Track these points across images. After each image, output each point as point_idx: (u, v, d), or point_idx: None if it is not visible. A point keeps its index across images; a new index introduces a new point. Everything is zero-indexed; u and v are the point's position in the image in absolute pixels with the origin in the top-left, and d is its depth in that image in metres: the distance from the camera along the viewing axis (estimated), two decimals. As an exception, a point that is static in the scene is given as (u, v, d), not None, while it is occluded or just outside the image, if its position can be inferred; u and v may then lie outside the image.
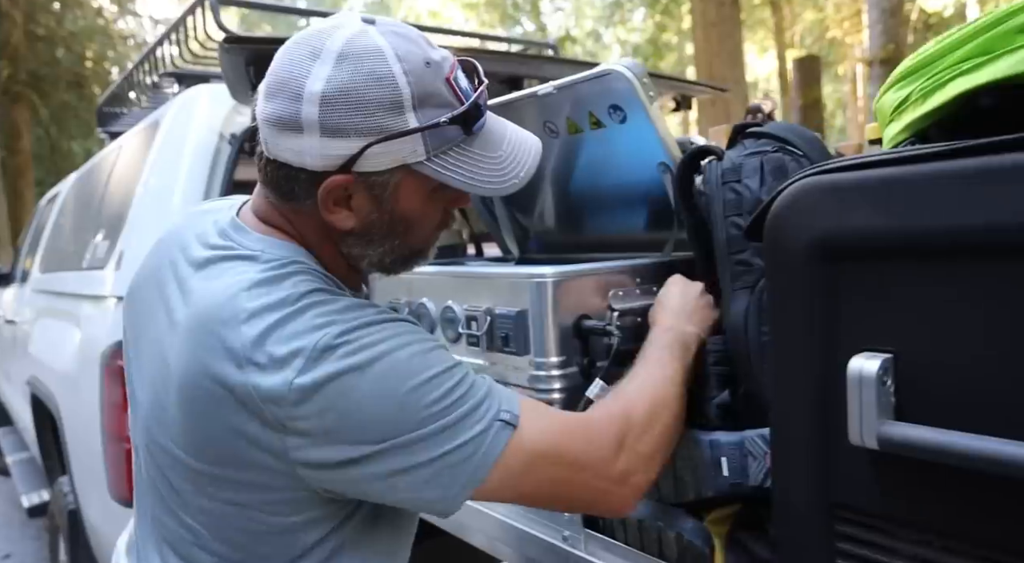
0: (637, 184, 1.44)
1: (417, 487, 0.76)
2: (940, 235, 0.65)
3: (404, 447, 0.75)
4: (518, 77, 2.11)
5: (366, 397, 0.74)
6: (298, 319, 0.76)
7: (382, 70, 0.76)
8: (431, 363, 0.78)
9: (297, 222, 0.86)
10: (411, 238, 0.87)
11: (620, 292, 1.22)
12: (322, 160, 0.78)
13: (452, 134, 0.80)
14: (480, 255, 1.91)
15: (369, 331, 0.77)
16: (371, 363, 0.75)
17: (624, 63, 1.29)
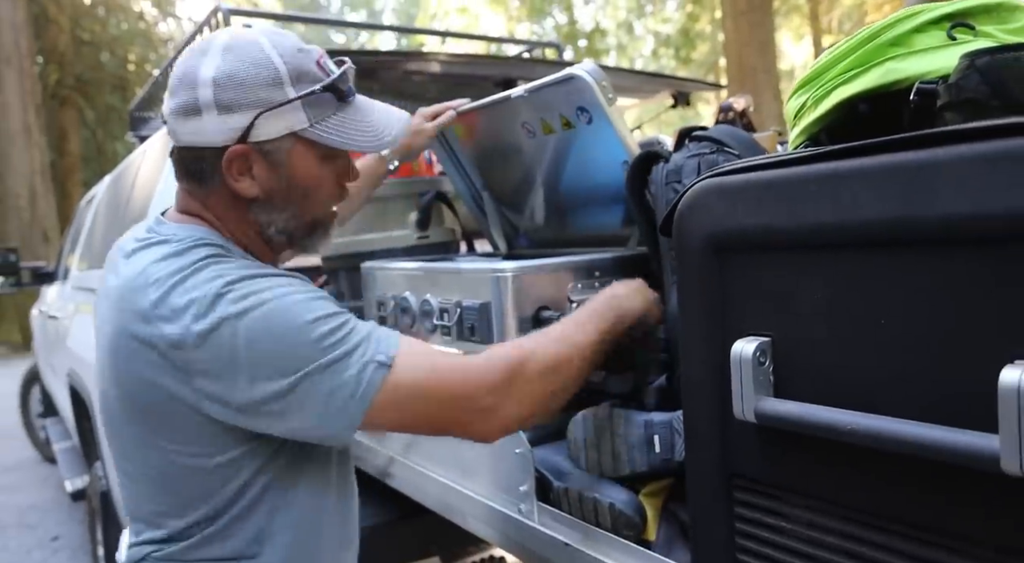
0: (607, 182, 1.53)
1: (307, 420, 0.86)
2: (805, 231, 0.73)
3: (293, 384, 0.84)
4: (511, 79, 2.20)
5: (256, 337, 0.84)
6: (195, 277, 0.87)
7: (261, 55, 0.91)
8: (314, 308, 0.87)
9: (211, 204, 0.97)
10: (309, 205, 0.99)
11: (579, 285, 1.31)
12: (222, 135, 0.91)
13: (328, 104, 0.94)
14: (472, 251, 2.01)
15: (257, 282, 0.88)
16: (258, 306, 0.85)
17: (584, 68, 1.38)
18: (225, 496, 0.92)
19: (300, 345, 0.85)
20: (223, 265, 0.89)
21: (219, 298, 0.85)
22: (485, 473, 1.25)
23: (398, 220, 1.87)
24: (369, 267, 1.66)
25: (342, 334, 0.87)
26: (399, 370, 0.88)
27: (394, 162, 1.61)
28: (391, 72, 2.00)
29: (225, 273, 0.88)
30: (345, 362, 0.86)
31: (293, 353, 0.85)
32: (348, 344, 0.87)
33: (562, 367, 0.96)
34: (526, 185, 1.76)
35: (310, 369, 0.85)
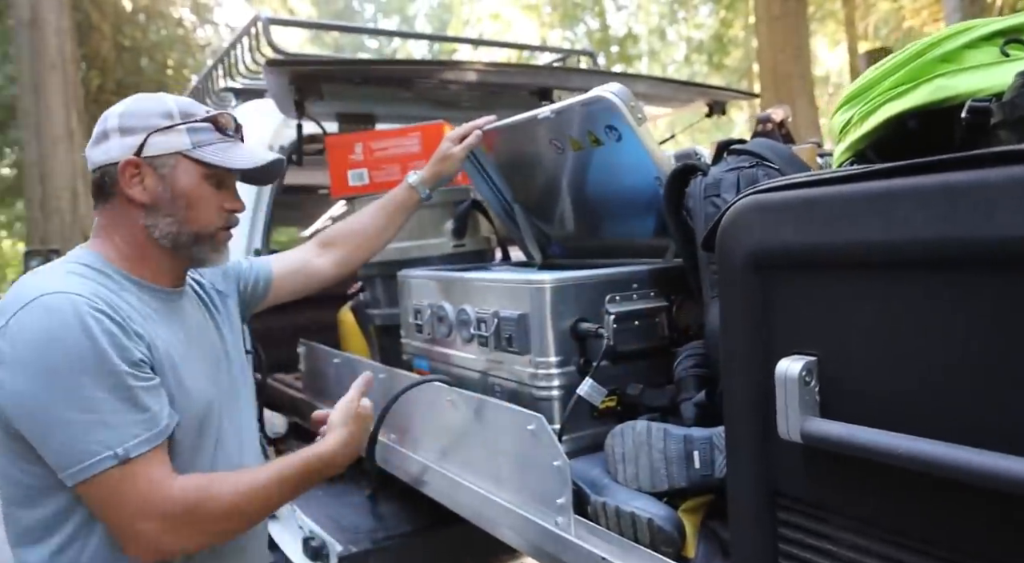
0: (640, 195, 1.52)
1: (47, 453, 1.01)
2: (853, 250, 0.72)
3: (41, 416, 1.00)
4: (547, 88, 2.20)
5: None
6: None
7: (158, 98, 1.18)
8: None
9: (110, 218, 1.16)
10: (192, 216, 1.16)
11: (617, 297, 1.31)
12: (121, 151, 1.13)
13: (208, 133, 1.16)
14: (507, 260, 2.01)
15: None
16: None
17: (611, 89, 1.35)
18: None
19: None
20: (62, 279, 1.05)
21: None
22: (522, 484, 1.25)
23: (434, 228, 1.88)
24: (405, 275, 1.68)
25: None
26: (127, 469, 1.00)
27: (425, 191, 1.63)
28: (426, 81, 2.02)
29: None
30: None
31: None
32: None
33: (241, 517, 1.10)
34: (557, 198, 1.76)
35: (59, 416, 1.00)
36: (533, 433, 1.19)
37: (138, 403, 1.01)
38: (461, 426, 1.40)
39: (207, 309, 1.32)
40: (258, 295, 1.51)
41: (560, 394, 1.27)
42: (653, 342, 1.35)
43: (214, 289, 1.38)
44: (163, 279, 1.19)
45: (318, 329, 3.30)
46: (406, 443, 1.64)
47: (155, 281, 1.18)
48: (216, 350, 1.27)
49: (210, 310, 1.32)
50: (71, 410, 0.97)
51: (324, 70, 1.89)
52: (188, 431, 1.12)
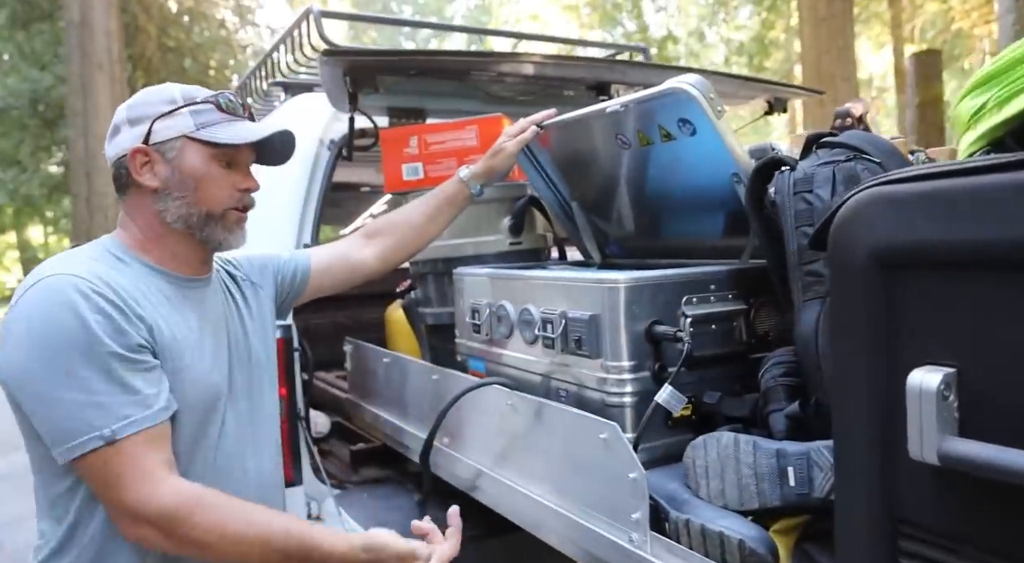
0: (712, 193, 1.44)
1: (40, 428, 1.01)
2: (1005, 247, 0.64)
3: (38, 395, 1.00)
4: (604, 82, 2.12)
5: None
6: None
7: (163, 87, 1.18)
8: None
9: (129, 207, 1.17)
10: (201, 197, 1.15)
11: (694, 298, 1.23)
12: (131, 141, 1.13)
13: (213, 116, 1.16)
14: (563, 259, 1.94)
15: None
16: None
17: (689, 81, 1.28)
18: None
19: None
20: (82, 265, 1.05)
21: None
22: (590, 496, 1.17)
23: (489, 225, 1.82)
24: (462, 273, 1.62)
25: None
26: (114, 449, 0.99)
27: (476, 187, 1.58)
28: (482, 73, 1.96)
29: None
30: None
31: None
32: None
33: (212, 549, 1.00)
34: (619, 195, 1.68)
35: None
36: (606, 442, 1.11)
37: (129, 385, 1.01)
38: (522, 431, 1.33)
39: (234, 301, 1.29)
40: (296, 288, 1.47)
41: (633, 401, 1.20)
42: (730, 347, 1.27)
43: (248, 281, 1.35)
44: (182, 266, 1.18)
45: (358, 327, 3.27)
46: (460, 447, 1.57)
47: (174, 268, 1.17)
48: (237, 344, 1.24)
49: (236, 301, 1.29)
50: (62, 389, 0.98)
51: (381, 61, 1.83)
52: (189, 420, 1.11)
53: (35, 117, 15.54)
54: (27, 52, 15.36)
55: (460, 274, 1.63)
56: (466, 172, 1.57)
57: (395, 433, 1.93)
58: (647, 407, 1.18)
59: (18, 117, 15.48)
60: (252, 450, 1.23)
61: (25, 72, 15.25)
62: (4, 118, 15.50)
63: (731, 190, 1.37)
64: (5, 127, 15.74)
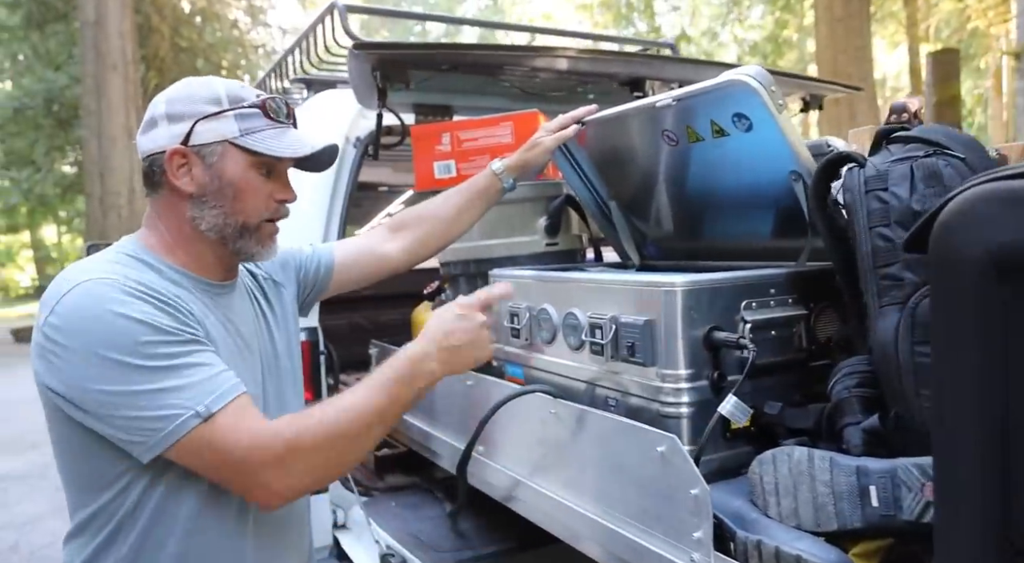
0: (765, 192, 1.37)
1: (117, 432, 0.95)
2: None
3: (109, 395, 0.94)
4: (639, 78, 2.06)
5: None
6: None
7: (207, 82, 1.10)
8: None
9: (159, 208, 1.10)
10: (239, 207, 1.08)
11: (753, 303, 1.16)
12: (169, 139, 1.06)
13: (256, 120, 1.09)
14: (599, 260, 1.88)
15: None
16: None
17: (748, 72, 1.22)
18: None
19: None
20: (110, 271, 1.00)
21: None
22: (644, 511, 1.11)
23: (523, 225, 1.76)
24: (500, 275, 1.55)
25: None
26: (215, 425, 0.94)
27: (509, 180, 1.52)
28: (516, 68, 1.90)
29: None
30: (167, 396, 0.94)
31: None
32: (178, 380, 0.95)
33: (341, 439, 1.00)
34: (661, 194, 1.62)
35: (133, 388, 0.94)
36: (663, 455, 1.04)
37: (203, 364, 0.97)
38: (566, 441, 1.27)
39: (257, 304, 1.23)
40: (319, 283, 1.41)
41: (689, 411, 1.13)
42: (790, 355, 1.20)
43: (270, 280, 1.29)
44: (209, 271, 1.12)
45: (374, 328, 3.22)
46: (496, 455, 1.51)
47: (201, 273, 1.11)
48: (264, 350, 1.19)
49: (261, 306, 1.24)
50: (136, 384, 0.93)
51: (413, 54, 1.78)
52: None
53: (49, 117, 15.61)
54: (42, 53, 15.43)
55: (498, 276, 1.56)
56: (499, 165, 1.51)
57: (424, 439, 1.87)
58: (705, 418, 1.11)
59: (33, 117, 15.56)
60: None
61: (40, 72, 15.32)
62: (19, 118, 15.58)
63: (786, 189, 1.31)
64: (20, 127, 15.82)
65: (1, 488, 4.70)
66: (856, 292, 1.07)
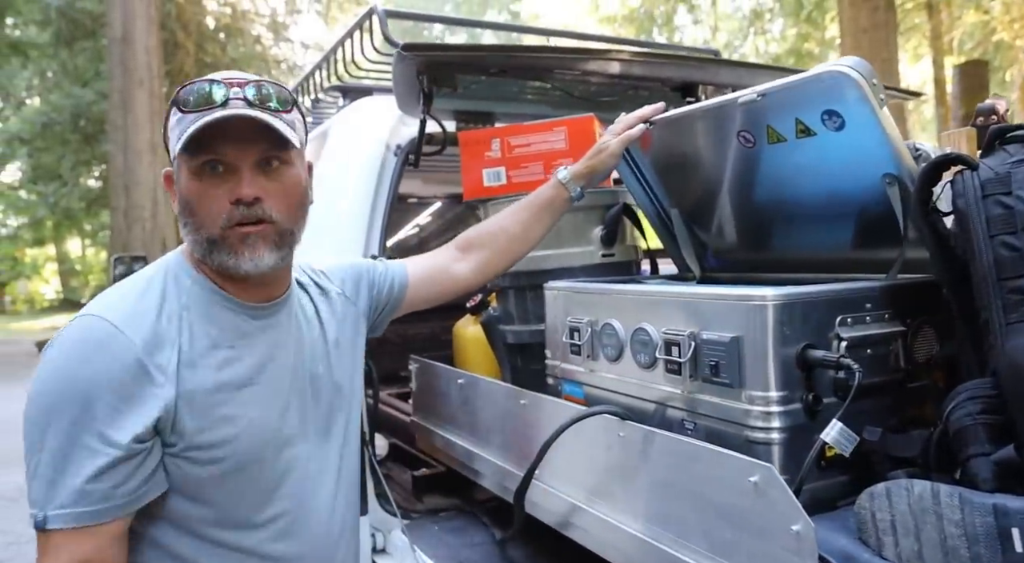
0: (848, 198, 1.28)
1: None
2: None
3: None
4: (692, 83, 1.97)
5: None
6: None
7: (180, 89, 1.00)
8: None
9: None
10: (198, 222, 0.98)
11: (848, 318, 1.06)
12: (166, 163, 1.03)
13: (184, 121, 0.96)
14: (655, 273, 1.79)
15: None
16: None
17: (847, 63, 1.13)
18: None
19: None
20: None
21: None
22: (733, 547, 1.00)
23: (578, 235, 1.67)
24: (557, 288, 1.46)
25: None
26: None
27: (576, 189, 1.43)
28: (567, 71, 1.82)
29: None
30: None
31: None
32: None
33: None
34: (730, 202, 1.52)
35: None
36: (757, 486, 0.94)
37: (90, 469, 0.88)
38: (635, 467, 1.17)
39: (319, 322, 1.15)
40: (392, 302, 1.34)
41: (781, 437, 1.03)
42: (886, 375, 1.10)
43: (342, 295, 1.21)
44: (242, 293, 1.04)
45: (401, 341, 3.14)
46: (552, 479, 1.41)
47: (234, 293, 1.04)
48: (316, 375, 1.11)
49: (323, 322, 1.16)
50: (37, 444, 0.90)
51: (463, 56, 1.70)
52: (226, 471, 0.98)
53: (76, 132, 15.83)
54: (70, 69, 15.67)
55: (554, 289, 1.47)
56: (565, 173, 1.42)
57: (466, 458, 1.77)
58: (797, 445, 1.02)
59: (60, 132, 15.79)
60: (330, 490, 1.11)
61: (68, 88, 15.56)
62: (47, 133, 15.82)
63: (875, 194, 1.21)
64: (48, 142, 16.05)
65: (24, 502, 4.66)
66: (968, 308, 0.97)
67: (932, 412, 1.13)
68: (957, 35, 17.23)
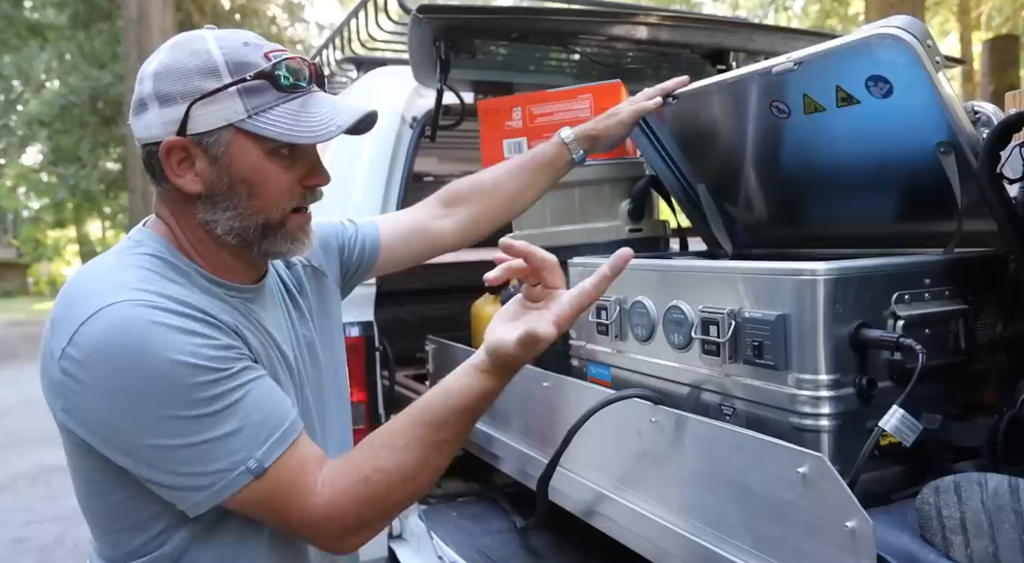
0: (898, 167, 1.18)
1: (163, 487, 0.82)
2: None
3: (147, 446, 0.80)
4: (723, 49, 1.87)
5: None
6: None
7: (199, 46, 0.87)
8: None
9: (167, 204, 0.92)
10: (258, 205, 0.90)
11: (906, 295, 0.97)
12: (162, 128, 0.86)
13: (269, 96, 0.87)
14: (685, 250, 1.70)
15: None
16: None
17: (899, 24, 1.02)
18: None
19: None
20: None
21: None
22: (778, 543, 0.92)
23: (604, 209, 1.58)
24: (584, 263, 1.38)
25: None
26: (266, 480, 0.82)
27: (580, 152, 1.33)
28: (592, 36, 1.72)
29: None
30: (215, 450, 0.81)
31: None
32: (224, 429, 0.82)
33: (419, 479, 0.87)
34: (764, 175, 1.43)
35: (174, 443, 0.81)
36: (806, 478, 0.86)
37: (253, 402, 0.83)
38: (670, 455, 1.09)
39: (293, 302, 1.06)
40: (364, 265, 1.24)
41: (832, 425, 0.94)
42: (947, 358, 1.01)
43: (309, 267, 1.12)
44: (236, 275, 0.95)
45: (421, 323, 3.07)
46: (576, 466, 1.34)
47: (227, 277, 0.94)
48: (301, 355, 1.03)
49: (299, 302, 1.07)
50: (178, 437, 0.79)
51: (482, 19, 1.60)
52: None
53: (95, 114, 15.89)
54: (87, 51, 15.70)
55: (579, 265, 1.39)
56: (569, 133, 1.32)
57: (485, 442, 1.71)
58: (849, 433, 0.93)
59: (79, 115, 15.86)
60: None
61: (86, 71, 15.59)
62: (66, 116, 15.89)
63: (927, 163, 1.11)
64: (67, 124, 16.13)
65: (45, 480, 4.69)
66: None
67: (994, 398, 1.04)
68: (985, 10, 16.78)
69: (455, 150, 2.97)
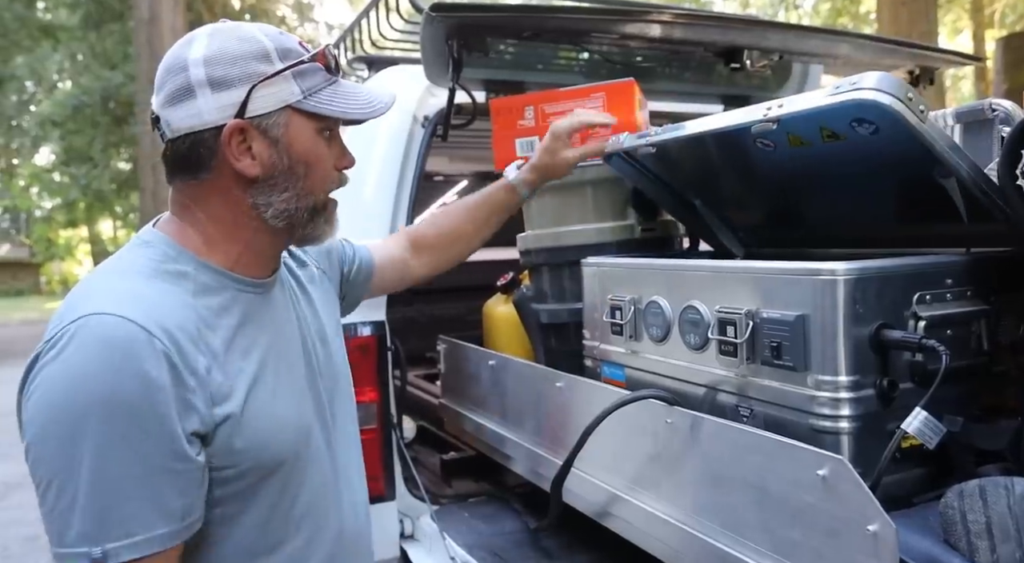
0: (896, 180, 1.15)
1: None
2: None
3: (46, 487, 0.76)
4: (737, 48, 1.85)
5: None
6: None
7: (246, 33, 0.89)
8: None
9: (195, 196, 0.90)
10: (310, 185, 0.92)
11: (927, 296, 0.96)
12: (219, 112, 0.86)
13: (317, 76, 0.91)
14: (695, 250, 1.68)
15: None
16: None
17: (881, 86, 0.92)
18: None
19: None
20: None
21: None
22: (802, 550, 0.91)
23: (616, 208, 1.57)
24: (597, 264, 1.37)
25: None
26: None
27: (525, 192, 1.45)
28: (602, 36, 1.71)
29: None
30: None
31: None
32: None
33: None
34: (760, 189, 1.40)
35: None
36: (826, 481, 0.85)
37: (156, 489, 0.76)
38: (683, 456, 1.08)
39: (306, 296, 1.06)
40: (358, 285, 1.29)
41: (852, 427, 0.93)
42: (969, 359, 1.00)
43: (319, 268, 1.13)
44: (255, 267, 0.94)
45: (430, 323, 3.06)
46: (590, 467, 1.33)
47: (244, 271, 0.92)
48: (316, 354, 1.02)
49: (310, 297, 1.07)
50: (67, 471, 0.74)
51: (494, 18, 1.59)
52: (274, 473, 0.89)
53: (106, 114, 15.96)
54: (99, 52, 15.77)
55: (593, 265, 1.38)
56: (515, 175, 1.43)
57: (497, 442, 1.70)
58: (870, 435, 0.92)
59: (91, 115, 15.93)
60: (344, 477, 1.03)
61: (97, 71, 15.66)
62: (78, 116, 15.97)
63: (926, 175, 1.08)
64: (78, 124, 16.21)
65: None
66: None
67: (1016, 400, 1.03)
68: (999, 7, 16.64)
69: (465, 149, 2.96)
